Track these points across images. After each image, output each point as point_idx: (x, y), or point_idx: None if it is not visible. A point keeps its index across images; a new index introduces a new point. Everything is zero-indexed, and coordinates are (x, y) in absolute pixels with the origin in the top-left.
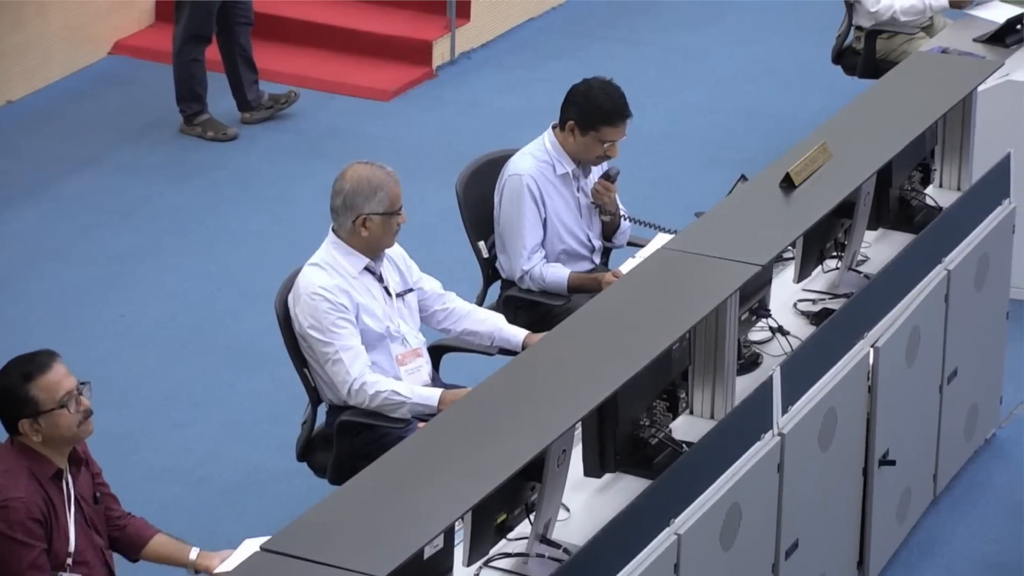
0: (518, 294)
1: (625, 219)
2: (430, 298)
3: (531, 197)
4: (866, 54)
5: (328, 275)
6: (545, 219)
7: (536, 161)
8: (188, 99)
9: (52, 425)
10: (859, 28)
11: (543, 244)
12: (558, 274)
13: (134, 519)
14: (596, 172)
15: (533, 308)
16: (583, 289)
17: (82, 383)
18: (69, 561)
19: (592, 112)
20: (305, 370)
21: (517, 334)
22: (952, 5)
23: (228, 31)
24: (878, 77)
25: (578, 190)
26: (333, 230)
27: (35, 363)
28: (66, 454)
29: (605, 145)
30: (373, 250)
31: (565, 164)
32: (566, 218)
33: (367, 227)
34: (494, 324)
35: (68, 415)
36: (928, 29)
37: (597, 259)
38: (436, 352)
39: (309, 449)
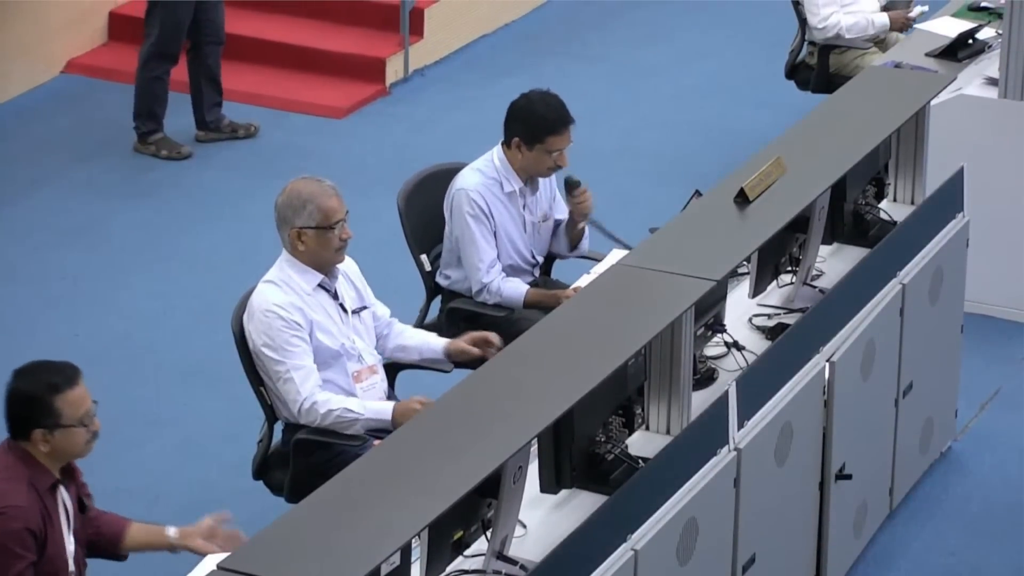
0: (462, 306)
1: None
2: (380, 323)
3: (480, 212)
4: (819, 69)
5: (282, 292)
6: (495, 233)
7: (484, 178)
8: (145, 117)
9: (66, 441)
10: (812, 43)
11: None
12: (516, 289)
13: (105, 516)
14: (544, 189)
15: (476, 320)
16: (541, 306)
17: (93, 402)
18: (72, 571)
19: (536, 125)
20: (261, 388)
21: (439, 343)
22: (892, 28)
23: (197, 49)
24: (831, 92)
25: (524, 207)
26: (283, 246)
27: (63, 375)
28: (61, 467)
29: (554, 155)
30: (320, 265)
31: (513, 182)
32: (512, 235)
33: (303, 241)
34: (422, 338)
35: (83, 433)
36: (881, 44)
37: (537, 273)
38: (392, 369)
39: (265, 467)
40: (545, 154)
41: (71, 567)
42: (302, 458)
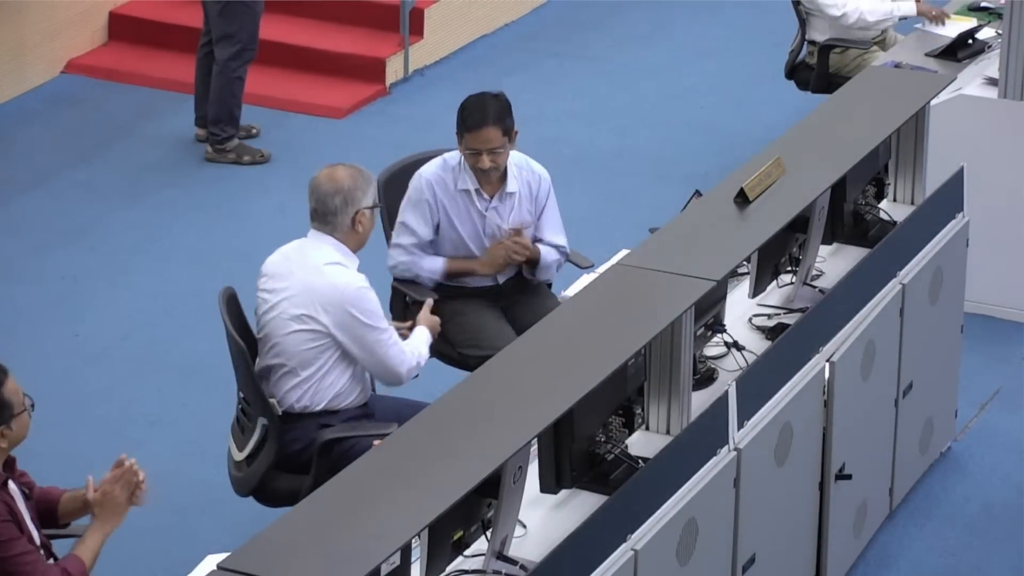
0: (397, 286)
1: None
2: None
3: (422, 198)
4: (819, 69)
5: (356, 273)
6: (439, 224)
7: (441, 170)
8: (225, 121)
9: (20, 427)
10: (812, 43)
11: (436, 248)
12: (433, 264)
13: (43, 491)
14: (526, 198)
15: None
16: (461, 273)
17: None
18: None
19: (459, 122)
20: (264, 383)
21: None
22: (920, 13)
23: (211, 47)
24: (831, 92)
25: (487, 209)
26: (326, 232)
27: None
28: (3, 461)
29: (470, 153)
30: (358, 248)
31: (468, 181)
32: (461, 233)
33: (361, 222)
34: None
35: (28, 414)
36: (881, 43)
37: (500, 280)
38: None
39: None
40: (467, 151)
41: (41, 552)
42: (325, 459)
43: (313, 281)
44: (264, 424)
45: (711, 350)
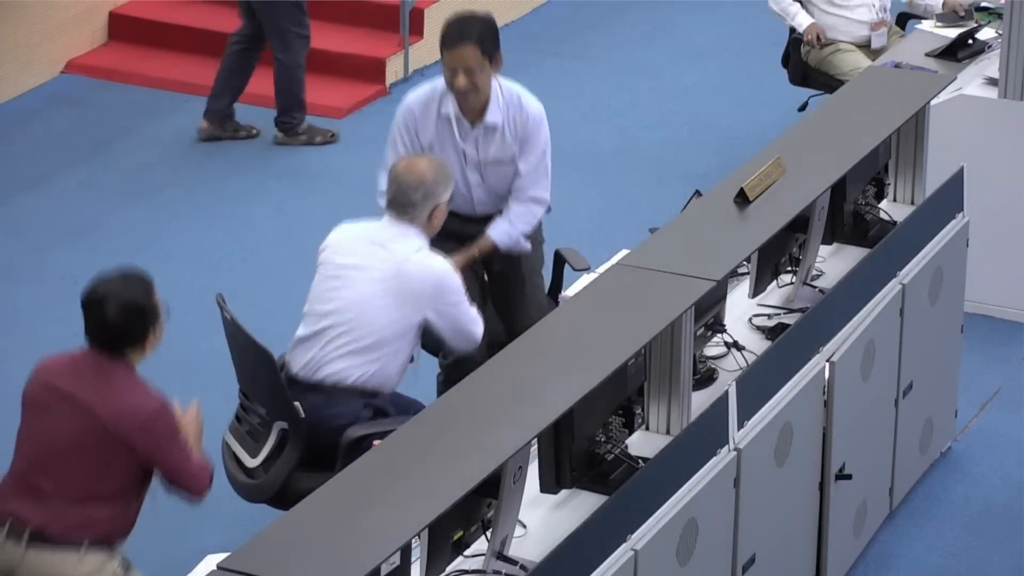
0: None
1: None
2: None
3: (403, 124)
4: (793, 59)
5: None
6: (421, 149)
7: (426, 94)
8: (295, 107)
9: (161, 332)
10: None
11: None
12: None
13: None
14: (510, 129)
15: None
16: None
17: None
18: None
19: (440, 39)
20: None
21: None
22: (806, 31)
23: (254, 42)
24: (807, 84)
25: (463, 139)
26: (404, 222)
27: (144, 274)
28: None
29: (450, 72)
30: (431, 237)
31: (450, 106)
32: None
33: (436, 216)
34: None
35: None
36: (866, 49)
37: (477, 209)
38: None
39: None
40: (445, 70)
41: None
42: (352, 457)
43: (407, 269)
44: (282, 428)
45: (711, 350)
